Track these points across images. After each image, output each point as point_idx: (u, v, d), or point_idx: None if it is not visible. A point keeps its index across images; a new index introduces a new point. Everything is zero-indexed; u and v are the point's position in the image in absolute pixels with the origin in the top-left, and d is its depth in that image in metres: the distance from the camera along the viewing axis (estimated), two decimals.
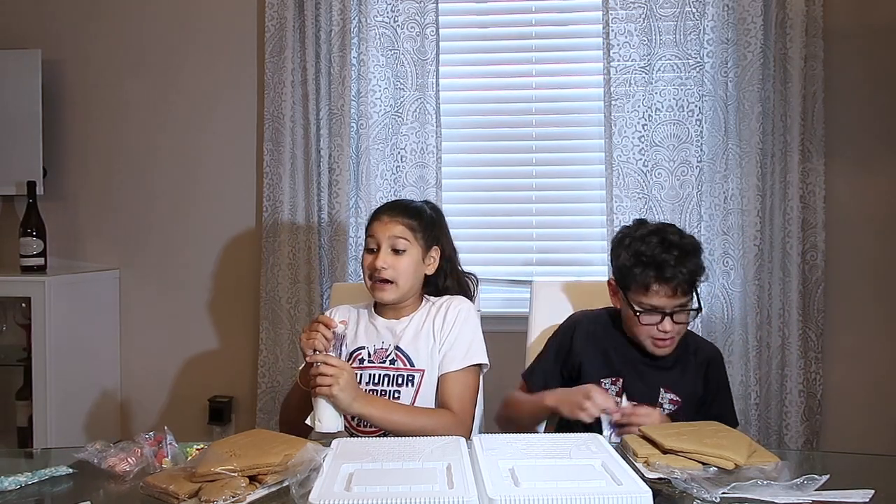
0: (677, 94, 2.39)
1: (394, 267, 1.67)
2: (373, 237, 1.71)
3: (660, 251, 1.56)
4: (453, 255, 1.83)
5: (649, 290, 1.57)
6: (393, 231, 1.69)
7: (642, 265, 1.57)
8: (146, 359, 2.67)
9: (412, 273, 1.70)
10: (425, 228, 1.73)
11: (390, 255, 1.68)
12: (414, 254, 1.70)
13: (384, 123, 2.49)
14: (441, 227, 1.80)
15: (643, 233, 1.62)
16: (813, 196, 2.37)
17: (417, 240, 1.71)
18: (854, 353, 2.42)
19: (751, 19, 2.33)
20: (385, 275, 1.67)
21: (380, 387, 1.68)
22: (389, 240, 1.68)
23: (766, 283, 2.36)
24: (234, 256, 2.64)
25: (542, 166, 2.58)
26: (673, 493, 1.17)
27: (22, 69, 2.55)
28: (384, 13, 2.48)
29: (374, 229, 1.71)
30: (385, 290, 1.69)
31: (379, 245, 1.69)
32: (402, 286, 1.69)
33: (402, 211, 1.73)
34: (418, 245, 1.71)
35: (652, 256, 1.56)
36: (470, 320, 1.73)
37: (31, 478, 1.28)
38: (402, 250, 1.68)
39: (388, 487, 1.09)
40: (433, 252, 1.75)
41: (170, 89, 2.65)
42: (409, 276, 1.70)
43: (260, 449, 1.26)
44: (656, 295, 1.57)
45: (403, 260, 1.69)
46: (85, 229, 2.69)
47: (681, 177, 2.39)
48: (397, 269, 1.68)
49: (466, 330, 1.70)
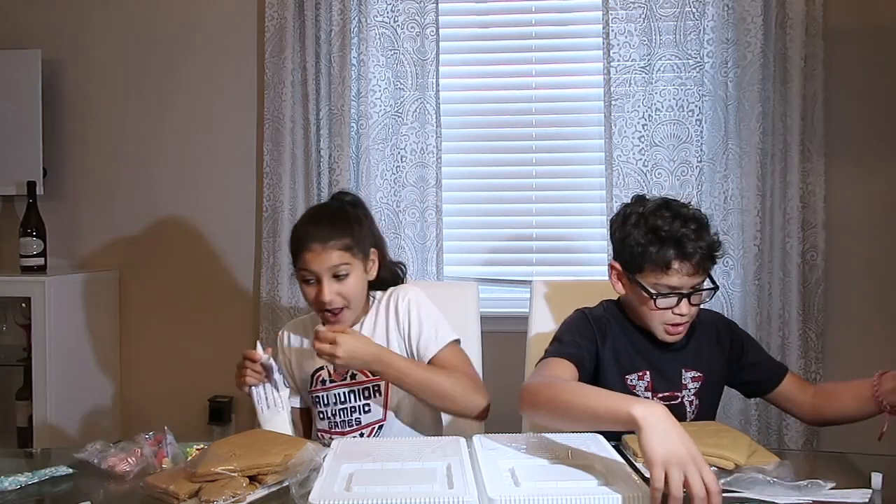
0: (677, 94, 2.39)
1: (341, 294, 1.57)
2: (308, 270, 1.56)
3: (678, 225, 1.44)
4: (384, 246, 1.73)
5: (669, 268, 1.45)
6: (330, 261, 1.55)
7: (660, 242, 1.44)
8: (146, 359, 2.67)
9: (360, 291, 1.62)
10: (360, 240, 1.60)
11: (334, 284, 1.56)
12: (357, 271, 1.59)
13: (384, 123, 2.49)
14: (370, 225, 1.69)
15: (651, 208, 1.50)
16: (813, 196, 2.37)
17: (356, 255, 1.59)
18: (854, 353, 2.42)
19: (751, 19, 2.33)
20: (336, 305, 1.57)
21: (347, 404, 1.64)
22: (328, 271, 1.55)
23: (766, 283, 2.37)
24: (234, 256, 2.64)
25: (542, 166, 2.58)
26: None
27: (22, 69, 2.55)
28: (384, 13, 2.48)
29: (308, 262, 1.55)
30: (340, 318, 1.59)
31: (318, 277, 1.56)
32: (355, 307, 1.62)
33: (332, 232, 1.56)
34: (358, 259, 1.59)
35: (670, 231, 1.44)
36: (423, 305, 1.65)
37: (31, 478, 1.28)
38: (344, 275, 1.57)
39: (388, 487, 1.09)
40: (372, 257, 1.65)
41: (170, 89, 2.65)
42: (357, 296, 1.61)
43: (260, 449, 1.26)
44: (676, 274, 1.45)
45: (349, 283, 1.57)
46: (85, 229, 2.69)
47: (681, 177, 2.39)
48: (346, 295, 1.57)
49: (425, 315, 1.63)
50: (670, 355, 1.58)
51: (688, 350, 1.58)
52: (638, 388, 1.56)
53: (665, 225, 1.45)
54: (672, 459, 1.04)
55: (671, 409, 1.51)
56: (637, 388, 1.56)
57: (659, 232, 1.45)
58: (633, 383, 1.56)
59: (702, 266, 1.47)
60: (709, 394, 1.59)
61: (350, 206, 1.68)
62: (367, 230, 1.65)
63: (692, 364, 1.57)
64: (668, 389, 1.55)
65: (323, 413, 1.67)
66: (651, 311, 1.50)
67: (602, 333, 1.56)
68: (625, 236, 1.51)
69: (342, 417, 1.65)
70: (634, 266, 1.50)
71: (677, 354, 1.58)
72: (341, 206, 1.68)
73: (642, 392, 1.55)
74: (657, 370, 1.57)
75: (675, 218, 1.46)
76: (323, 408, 1.67)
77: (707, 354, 1.60)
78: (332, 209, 1.68)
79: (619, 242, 1.54)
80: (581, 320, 1.59)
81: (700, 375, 1.57)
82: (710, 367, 1.59)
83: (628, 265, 1.52)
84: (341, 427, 1.65)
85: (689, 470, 1.03)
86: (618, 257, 1.55)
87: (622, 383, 1.55)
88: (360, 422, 1.64)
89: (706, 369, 1.58)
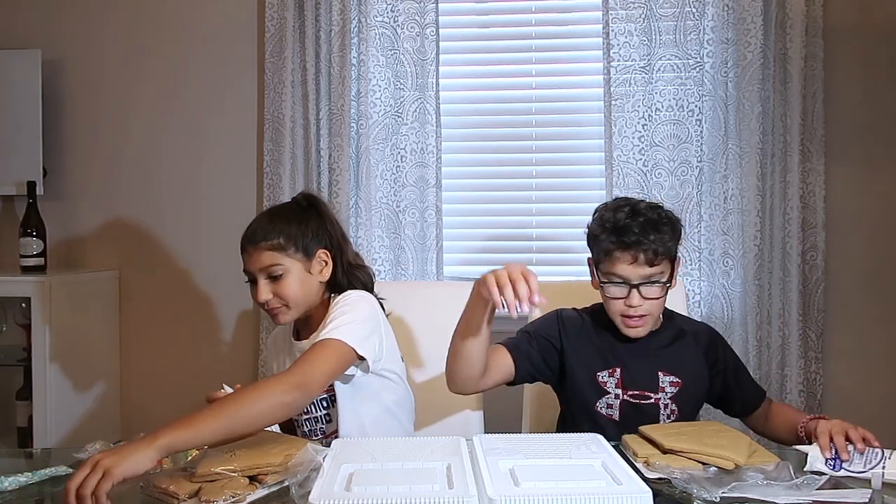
0: (677, 94, 2.39)
1: (277, 294, 1.56)
2: (245, 270, 1.59)
3: (623, 217, 1.53)
4: (344, 247, 1.66)
5: (611, 256, 1.53)
6: (260, 261, 1.55)
7: (606, 231, 1.54)
8: (146, 359, 2.67)
9: (300, 292, 1.58)
10: (297, 239, 1.57)
11: (268, 284, 1.56)
12: (294, 270, 1.56)
13: (384, 123, 2.49)
14: (322, 224, 1.63)
15: (612, 204, 1.61)
16: (813, 196, 2.37)
17: (292, 255, 1.57)
18: (854, 352, 2.42)
19: (751, 19, 2.33)
20: (272, 305, 1.57)
21: (311, 414, 1.64)
22: (261, 272, 1.56)
23: (766, 283, 2.37)
24: (235, 256, 2.59)
25: (542, 166, 2.58)
26: (673, 493, 1.17)
27: (22, 69, 2.55)
28: (384, 13, 2.48)
29: (245, 263, 1.58)
30: (280, 316, 1.59)
31: (255, 279, 1.57)
32: (295, 306, 1.58)
33: (263, 234, 1.56)
34: (296, 259, 1.57)
35: (614, 221, 1.53)
36: (343, 303, 1.55)
37: (31, 478, 1.28)
38: (278, 275, 1.55)
39: (388, 487, 1.09)
40: (321, 256, 1.61)
41: (170, 89, 2.65)
42: (297, 295, 1.57)
43: (260, 449, 1.26)
44: (619, 262, 1.52)
45: (284, 283, 1.56)
46: (85, 229, 2.69)
47: (681, 177, 2.39)
48: (283, 295, 1.56)
49: (339, 314, 1.51)
50: (646, 357, 1.61)
51: (670, 355, 1.62)
52: (609, 384, 1.59)
53: (612, 217, 1.55)
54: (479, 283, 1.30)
55: (643, 408, 1.57)
56: (608, 385, 1.59)
57: (605, 223, 1.55)
58: (604, 379, 1.60)
59: (645, 259, 1.52)
60: (688, 402, 1.61)
61: (300, 205, 1.66)
62: (311, 230, 1.60)
63: (671, 369, 1.61)
64: (639, 388, 1.58)
65: (297, 422, 1.68)
66: (609, 301, 1.58)
67: (567, 333, 1.63)
68: (589, 228, 1.62)
69: (309, 426, 1.66)
70: (594, 257, 1.60)
71: (658, 357, 1.61)
72: (288, 205, 1.68)
73: (613, 388, 1.59)
74: (629, 368, 1.60)
75: (628, 214, 1.54)
76: (296, 417, 1.67)
77: (690, 363, 1.63)
78: (274, 210, 1.68)
79: (587, 237, 1.63)
80: (548, 319, 1.67)
81: (679, 381, 1.60)
82: (692, 376, 1.62)
83: (593, 259, 1.61)
84: (310, 436, 1.65)
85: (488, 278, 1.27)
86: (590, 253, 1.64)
87: (592, 379, 1.60)
88: (325, 431, 1.65)
89: (687, 377, 1.61)
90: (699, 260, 2.39)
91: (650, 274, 1.53)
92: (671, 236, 1.55)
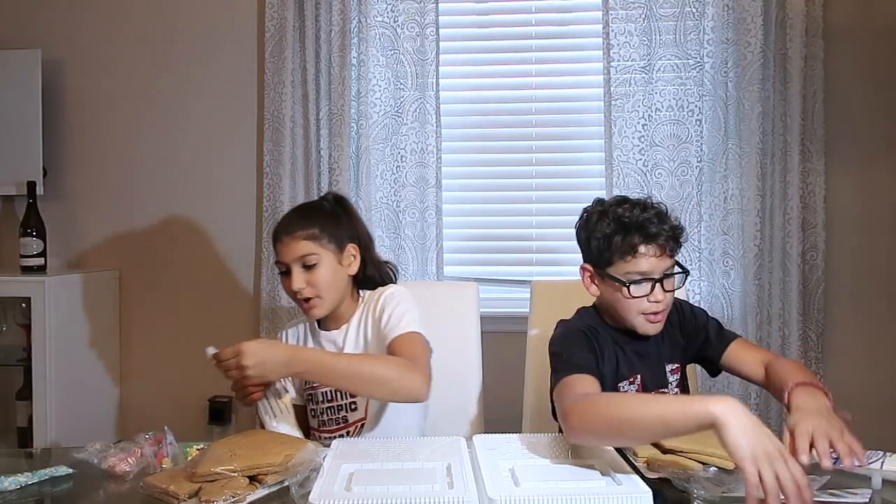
0: (677, 94, 2.39)
1: (311, 284, 1.59)
2: (280, 262, 1.62)
3: (639, 211, 1.49)
4: (370, 244, 1.74)
5: (636, 253, 1.47)
6: (296, 251, 1.59)
7: (624, 229, 1.48)
8: (146, 359, 2.67)
9: (333, 282, 1.62)
10: (330, 230, 1.63)
11: (303, 273, 1.59)
12: (327, 262, 1.61)
13: (384, 123, 2.49)
14: (350, 221, 1.70)
15: (611, 202, 1.55)
16: (813, 196, 2.37)
17: (325, 246, 1.61)
18: (854, 352, 2.42)
19: (751, 19, 2.33)
20: (305, 294, 1.60)
21: (335, 402, 1.66)
22: (296, 260, 1.59)
23: (766, 283, 2.37)
24: (234, 256, 2.64)
25: (542, 166, 2.58)
26: (673, 493, 1.17)
27: (22, 69, 2.54)
28: (384, 13, 2.48)
29: (279, 253, 1.62)
30: (314, 308, 1.62)
31: (288, 268, 1.60)
32: (328, 298, 1.62)
33: (299, 223, 1.62)
34: (328, 250, 1.62)
35: (632, 217, 1.48)
36: (396, 298, 1.64)
37: (31, 478, 1.29)
38: (312, 265, 1.59)
39: (388, 487, 1.09)
40: (350, 250, 1.66)
41: (170, 89, 2.65)
42: (330, 287, 1.61)
43: (260, 449, 1.26)
44: (644, 258, 1.47)
45: (318, 273, 1.60)
46: (85, 229, 2.68)
47: (681, 177, 2.39)
48: (315, 285, 1.60)
49: (397, 306, 1.61)
50: (654, 353, 1.58)
51: (664, 344, 1.60)
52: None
53: (626, 213, 1.49)
54: (761, 456, 1.04)
55: None
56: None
57: (622, 220, 1.49)
58: (627, 389, 1.55)
59: (668, 249, 1.49)
60: (685, 383, 1.61)
61: (330, 203, 1.71)
62: (343, 225, 1.67)
63: (669, 357, 1.59)
64: (656, 388, 1.56)
65: (314, 411, 1.69)
66: (627, 302, 1.50)
67: (598, 343, 1.54)
68: (590, 234, 1.53)
69: (329, 416, 1.67)
70: (603, 261, 1.52)
71: (659, 351, 1.59)
72: (317, 202, 1.74)
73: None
74: (645, 371, 1.57)
75: (634, 207, 1.50)
76: (314, 406, 1.68)
77: (677, 342, 1.61)
78: (306, 205, 1.76)
79: (585, 243, 1.56)
80: (578, 334, 1.54)
81: (677, 367, 1.60)
82: (680, 353, 1.61)
83: (598, 262, 1.53)
84: (329, 425, 1.66)
85: (777, 465, 1.04)
86: (587, 258, 1.57)
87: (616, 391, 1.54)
88: (347, 420, 1.66)
89: (680, 359, 1.60)
90: (699, 260, 2.39)
91: (670, 265, 1.51)
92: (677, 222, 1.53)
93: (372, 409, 1.64)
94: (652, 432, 1.19)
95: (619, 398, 1.31)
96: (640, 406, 1.20)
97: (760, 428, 1.09)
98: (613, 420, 1.20)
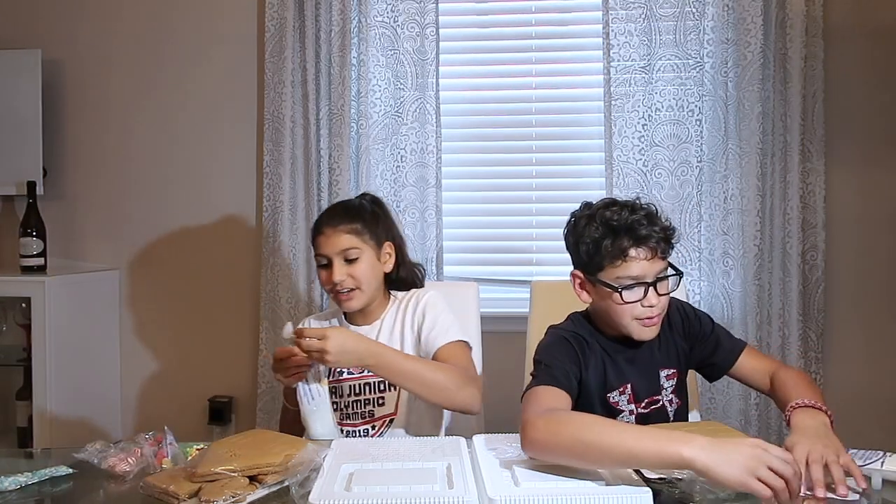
0: (677, 94, 2.39)
1: (352, 276, 1.65)
2: (321, 254, 1.67)
3: (627, 214, 1.44)
4: (403, 245, 1.80)
5: (627, 257, 1.42)
6: (339, 243, 1.65)
7: (613, 233, 1.43)
8: (146, 359, 2.67)
9: (371, 276, 1.68)
10: (371, 227, 1.69)
11: (344, 266, 1.65)
12: (367, 257, 1.67)
13: (384, 123, 2.49)
14: (387, 221, 1.77)
15: (599, 206, 1.49)
16: (813, 196, 2.37)
17: (367, 241, 1.68)
18: (854, 353, 2.42)
19: (751, 19, 2.33)
20: (347, 285, 1.65)
21: (362, 396, 1.68)
22: (339, 253, 1.65)
23: (766, 283, 2.37)
24: (235, 256, 2.64)
25: (542, 166, 2.58)
26: (673, 493, 1.17)
27: (22, 69, 2.55)
28: (384, 13, 2.48)
29: (320, 245, 1.67)
30: (351, 299, 1.67)
31: (330, 260, 1.66)
32: (366, 291, 1.68)
33: (342, 218, 1.68)
34: (369, 246, 1.68)
35: (620, 220, 1.43)
36: (439, 305, 1.71)
37: (31, 478, 1.28)
38: (354, 259, 1.65)
39: (388, 487, 1.10)
40: (387, 248, 1.73)
41: (170, 89, 2.65)
42: (369, 280, 1.68)
43: (260, 449, 1.26)
44: (635, 262, 1.42)
45: (359, 266, 1.66)
46: (85, 229, 2.69)
47: (681, 177, 2.39)
48: (356, 277, 1.65)
49: (440, 314, 1.69)
50: (647, 359, 1.54)
51: (661, 349, 1.56)
52: (621, 404, 1.51)
53: (614, 216, 1.44)
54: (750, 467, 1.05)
55: (654, 413, 1.51)
56: (620, 404, 1.51)
57: (610, 223, 1.44)
58: (616, 399, 1.51)
59: (660, 252, 1.44)
60: (683, 388, 1.58)
61: (368, 202, 1.77)
62: (381, 224, 1.73)
63: (665, 363, 1.56)
64: (648, 395, 1.53)
65: (337, 404, 1.69)
66: (620, 308, 1.45)
67: (584, 354, 1.50)
68: (578, 239, 1.49)
69: (355, 409, 1.68)
70: (594, 266, 1.47)
71: (653, 356, 1.55)
72: (357, 201, 1.79)
73: (626, 405, 1.51)
74: (637, 379, 1.53)
75: (623, 208, 1.46)
76: (337, 399, 1.69)
77: (675, 347, 1.57)
78: (348, 202, 1.80)
79: (574, 247, 1.51)
80: (563, 344, 1.50)
81: (674, 372, 1.56)
82: (679, 359, 1.57)
83: (588, 267, 1.48)
84: (353, 419, 1.67)
85: (765, 461, 1.05)
86: (577, 265, 1.52)
87: (605, 402, 1.51)
88: (373, 414, 1.67)
89: (677, 364, 1.57)
90: (699, 260, 2.39)
91: (663, 268, 1.46)
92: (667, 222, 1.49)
93: (403, 407, 1.66)
94: (617, 462, 1.15)
95: (588, 421, 1.21)
96: (609, 435, 1.15)
97: (727, 444, 1.09)
98: (578, 443, 1.16)
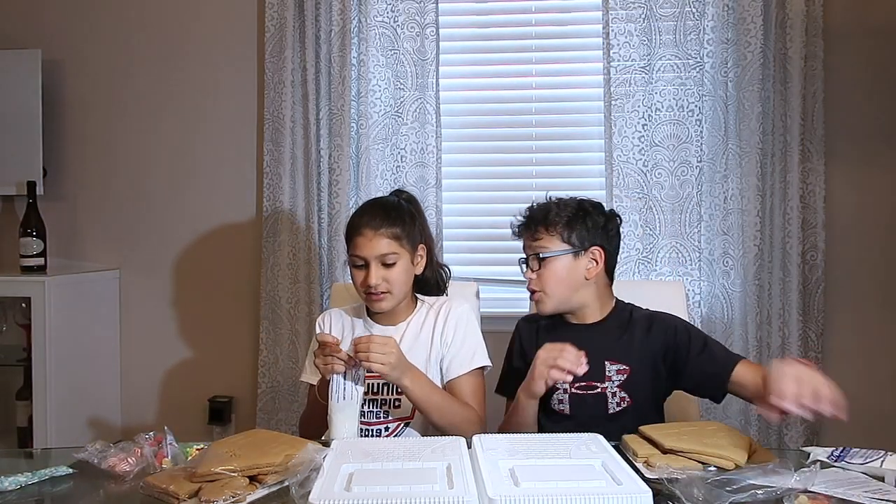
0: (677, 94, 2.39)
1: (387, 279, 1.66)
2: (359, 255, 1.66)
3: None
4: (433, 246, 1.83)
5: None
6: (378, 248, 1.65)
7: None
8: (146, 359, 2.67)
9: (405, 280, 1.71)
10: (409, 232, 1.70)
11: (381, 269, 1.65)
12: (403, 262, 1.68)
13: (384, 123, 2.49)
14: (422, 222, 1.78)
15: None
16: (813, 196, 2.37)
17: (404, 246, 1.68)
18: (854, 353, 2.42)
19: (751, 19, 2.33)
20: (381, 289, 1.66)
21: (379, 396, 1.68)
22: (377, 258, 1.65)
23: (766, 283, 2.36)
24: (235, 256, 2.64)
25: (542, 166, 2.58)
26: (673, 493, 1.17)
27: (22, 69, 2.55)
28: (384, 13, 2.48)
29: (359, 247, 1.66)
30: (382, 300, 1.68)
31: (367, 262, 1.66)
32: (398, 294, 1.69)
33: (384, 220, 1.67)
34: (406, 251, 1.69)
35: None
36: (471, 324, 1.74)
37: (31, 478, 1.28)
38: (392, 263, 1.66)
39: (388, 487, 1.09)
40: (420, 251, 1.74)
41: (170, 89, 2.65)
42: (402, 284, 1.69)
43: (260, 449, 1.26)
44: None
45: (395, 271, 1.67)
46: (85, 229, 2.69)
47: (681, 177, 2.39)
48: (391, 281, 1.66)
49: (469, 334, 1.72)
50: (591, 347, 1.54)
51: (613, 343, 1.65)
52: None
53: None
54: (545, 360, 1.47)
55: (591, 398, 1.61)
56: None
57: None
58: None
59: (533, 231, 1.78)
60: (641, 389, 1.62)
61: (405, 202, 1.77)
62: (417, 226, 1.74)
63: (618, 357, 1.64)
64: (585, 379, 1.59)
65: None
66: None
67: (523, 346, 1.74)
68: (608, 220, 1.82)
69: (371, 408, 1.68)
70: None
71: (603, 347, 1.63)
72: (397, 200, 1.77)
73: (561, 383, 1.56)
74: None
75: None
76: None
77: (638, 350, 1.64)
78: (388, 201, 1.77)
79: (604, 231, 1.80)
80: (511, 341, 1.78)
81: (626, 369, 1.63)
82: (640, 362, 1.63)
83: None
84: (367, 417, 1.67)
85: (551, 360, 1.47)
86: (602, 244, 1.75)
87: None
88: (389, 415, 1.67)
89: (634, 364, 1.63)
90: (699, 260, 2.39)
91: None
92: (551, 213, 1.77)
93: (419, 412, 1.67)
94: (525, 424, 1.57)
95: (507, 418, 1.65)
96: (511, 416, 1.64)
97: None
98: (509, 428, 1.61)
